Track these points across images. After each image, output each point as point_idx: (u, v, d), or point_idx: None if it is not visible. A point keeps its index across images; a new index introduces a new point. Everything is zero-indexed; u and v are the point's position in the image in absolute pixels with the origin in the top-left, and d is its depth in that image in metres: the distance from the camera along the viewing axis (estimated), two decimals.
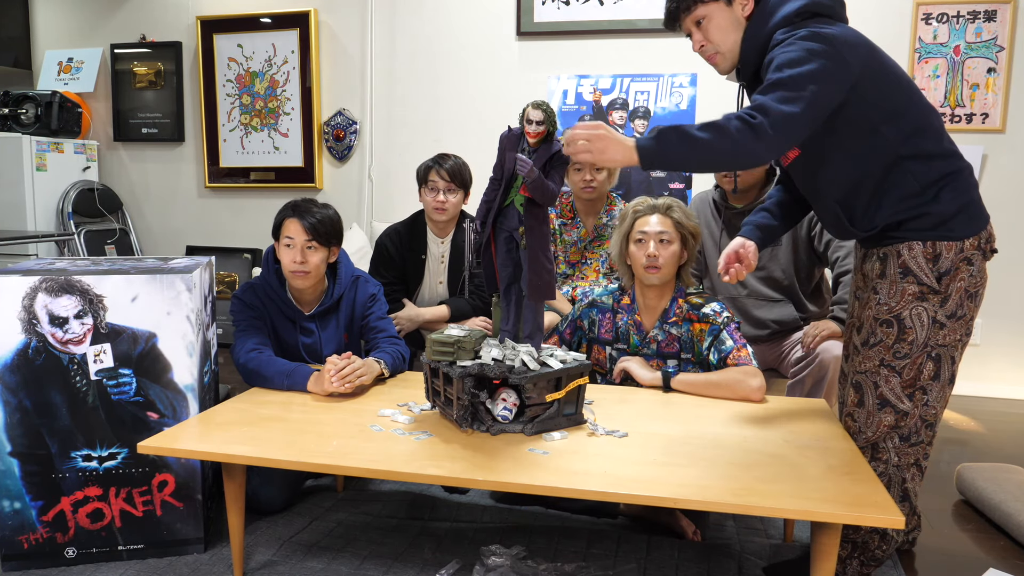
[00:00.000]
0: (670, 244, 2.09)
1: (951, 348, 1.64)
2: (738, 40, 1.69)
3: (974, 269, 1.61)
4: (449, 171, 2.60)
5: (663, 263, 2.08)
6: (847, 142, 1.61)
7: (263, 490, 2.11)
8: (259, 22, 4.32)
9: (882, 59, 1.60)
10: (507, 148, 1.74)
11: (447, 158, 2.65)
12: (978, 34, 3.53)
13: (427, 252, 2.72)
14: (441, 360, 1.73)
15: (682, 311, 2.12)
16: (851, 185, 1.65)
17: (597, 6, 3.86)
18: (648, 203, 2.16)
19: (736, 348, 2.01)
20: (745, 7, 1.68)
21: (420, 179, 2.68)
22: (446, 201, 2.62)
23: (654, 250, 2.08)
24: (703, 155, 1.53)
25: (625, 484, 1.41)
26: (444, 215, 2.64)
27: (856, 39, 1.58)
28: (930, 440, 1.71)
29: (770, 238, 1.92)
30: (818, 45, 1.52)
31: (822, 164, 1.67)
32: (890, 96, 1.58)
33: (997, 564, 1.99)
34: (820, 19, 1.60)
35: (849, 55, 1.53)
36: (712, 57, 1.74)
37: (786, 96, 1.50)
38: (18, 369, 1.79)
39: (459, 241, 2.72)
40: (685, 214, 2.14)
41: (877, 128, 1.58)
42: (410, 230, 2.74)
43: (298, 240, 2.12)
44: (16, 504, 1.83)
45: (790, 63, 1.53)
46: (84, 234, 4.36)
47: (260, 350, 2.09)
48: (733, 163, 1.62)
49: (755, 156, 1.54)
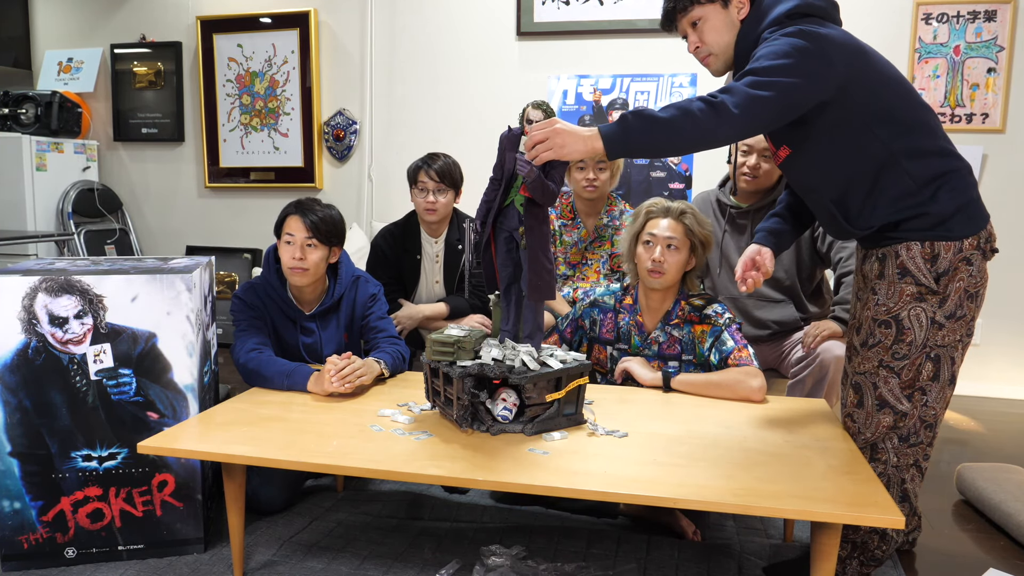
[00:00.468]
0: (677, 251, 2.08)
1: (950, 349, 1.63)
2: (732, 42, 1.70)
3: (974, 269, 1.60)
4: (438, 171, 2.59)
5: (667, 269, 2.07)
6: (838, 141, 1.61)
7: (263, 490, 2.11)
8: (259, 22, 4.32)
9: (873, 59, 1.60)
10: (507, 148, 1.74)
11: (436, 158, 2.63)
12: (978, 34, 3.53)
13: (421, 252, 2.72)
14: (441, 360, 1.73)
15: (684, 313, 2.12)
16: (845, 184, 1.65)
17: (597, 6, 3.86)
18: (662, 205, 2.15)
19: (737, 348, 2.01)
20: (740, 9, 1.68)
21: (410, 180, 2.66)
22: (436, 202, 2.61)
23: (660, 255, 2.07)
24: (665, 136, 1.51)
25: (625, 484, 1.41)
26: (435, 215, 2.64)
27: (844, 39, 1.58)
28: (930, 441, 1.70)
29: (784, 243, 1.91)
30: (802, 41, 1.53)
31: (813, 164, 1.67)
32: (881, 96, 1.58)
33: (997, 564, 1.99)
34: (811, 20, 1.60)
35: (834, 53, 1.54)
36: (706, 59, 1.75)
37: (756, 81, 1.51)
38: (18, 369, 1.79)
39: (453, 240, 2.72)
40: (698, 221, 2.11)
41: (869, 127, 1.58)
42: (403, 230, 2.73)
43: (298, 237, 2.12)
44: (16, 504, 1.83)
45: (769, 55, 1.54)
46: (84, 234, 4.36)
47: (260, 350, 2.08)
48: (695, 143, 1.57)
49: (715, 135, 1.53)
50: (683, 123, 1.50)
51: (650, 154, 1.65)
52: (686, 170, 3.85)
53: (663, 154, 1.64)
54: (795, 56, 1.51)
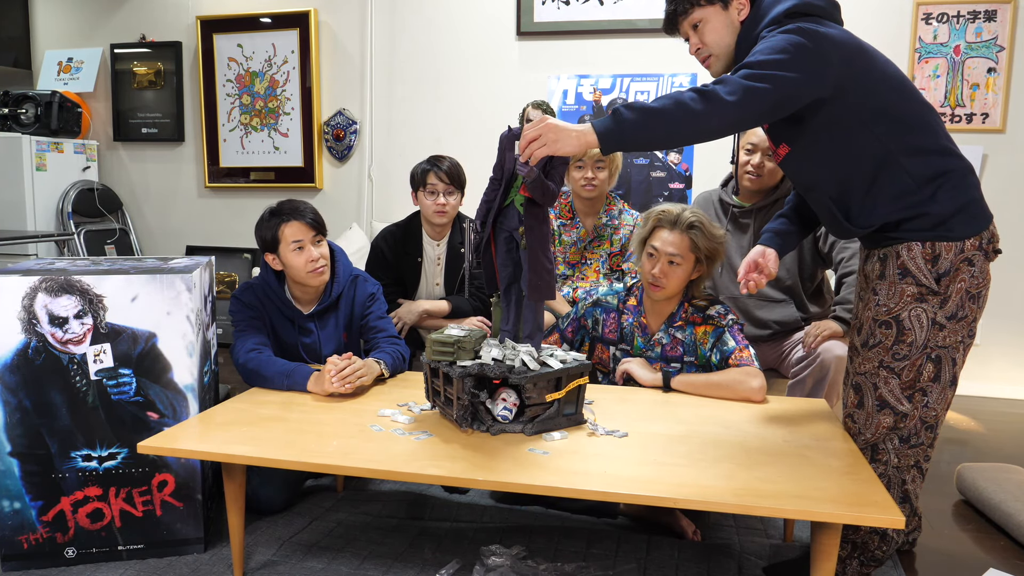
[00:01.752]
0: (679, 266, 2.05)
1: (952, 350, 1.63)
2: (732, 43, 1.71)
3: (975, 270, 1.60)
4: (448, 173, 2.59)
5: (667, 284, 2.06)
6: (837, 138, 1.61)
7: (263, 490, 2.11)
8: (259, 22, 4.32)
9: (873, 58, 1.60)
10: (507, 148, 1.74)
11: (443, 160, 2.63)
12: (978, 34, 3.53)
13: (423, 255, 2.71)
14: (441, 360, 1.73)
15: (687, 314, 2.11)
16: (844, 181, 1.64)
17: (597, 6, 3.86)
18: (672, 215, 2.07)
19: (739, 349, 2.01)
20: (741, 11, 1.69)
21: (417, 182, 2.65)
22: (446, 204, 2.61)
23: (659, 271, 2.05)
24: (659, 126, 1.51)
25: (625, 484, 1.41)
26: (444, 217, 2.64)
27: (843, 37, 1.58)
28: (931, 442, 1.70)
29: (790, 244, 1.90)
30: (800, 38, 1.53)
31: (812, 161, 1.67)
32: (880, 95, 1.58)
33: (997, 564, 1.99)
34: (810, 19, 1.60)
35: (832, 51, 1.54)
36: (707, 60, 1.75)
37: (751, 74, 1.51)
38: (18, 369, 1.79)
39: (455, 243, 2.71)
40: (707, 235, 2.05)
41: (867, 125, 1.58)
42: (405, 232, 2.73)
43: (307, 239, 2.13)
44: (16, 504, 1.83)
45: (766, 50, 1.54)
46: (84, 234, 4.36)
47: (260, 350, 2.08)
48: (689, 134, 1.57)
49: (708, 125, 1.52)
50: (676, 113, 1.50)
51: (645, 146, 1.63)
52: (686, 170, 3.85)
53: (658, 146, 1.63)
54: (792, 52, 1.52)
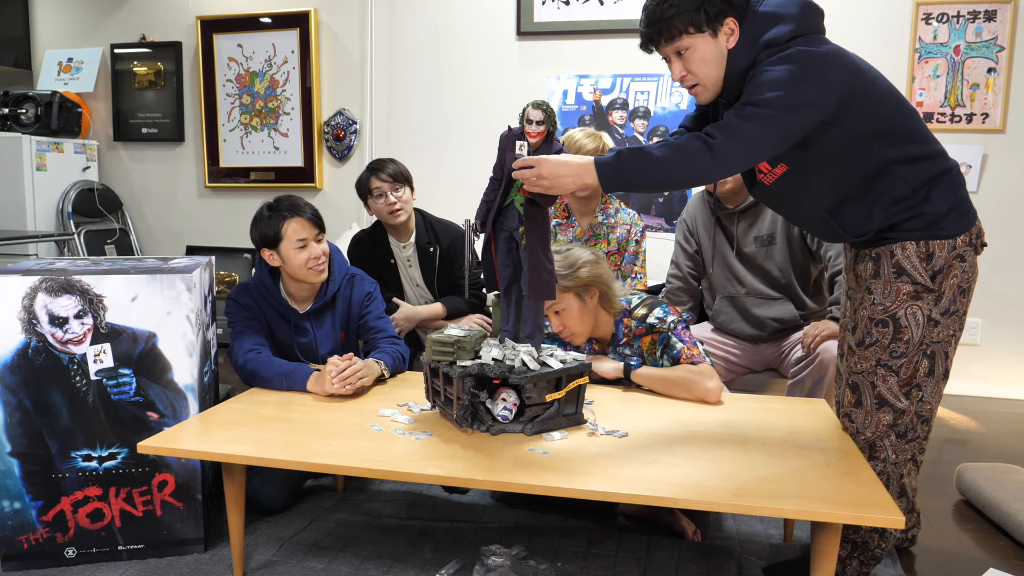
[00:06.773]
0: (567, 310, 2.05)
1: (945, 344, 1.65)
2: (721, 74, 1.64)
3: (966, 265, 1.62)
4: (389, 172, 2.62)
5: (572, 330, 2.07)
6: (837, 155, 1.61)
7: (263, 490, 2.11)
8: (259, 22, 4.32)
9: (867, 75, 1.59)
10: (507, 148, 1.74)
11: (381, 162, 2.66)
12: (978, 34, 3.53)
13: (395, 257, 2.74)
14: (441, 360, 1.73)
15: (630, 330, 2.10)
16: (841, 197, 1.65)
17: (597, 6, 3.86)
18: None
19: (687, 347, 2.00)
20: (730, 39, 1.62)
21: (364, 192, 2.67)
22: (396, 201, 2.62)
23: (556, 326, 2.07)
24: (660, 172, 1.54)
25: (625, 484, 1.41)
26: (402, 214, 2.64)
27: (841, 58, 1.57)
28: (926, 435, 1.72)
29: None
30: (802, 68, 1.52)
31: (811, 179, 1.66)
32: (877, 110, 1.58)
33: (997, 564, 1.99)
34: (808, 38, 1.58)
35: (834, 75, 1.53)
36: (694, 88, 1.69)
37: (756, 114, 1.51)
38: (18, 369, 1.79)
39: (424, 243, 2.72)
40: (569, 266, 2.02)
41: (866, 141, 1.58)
42: (373, 238, 2.76)
43: (310, 236, 2.13)
44: (16, 504, 1.83)
45: (768, 84, 1.52)
46: (84, 234, 4.36)
47: (258, 351, 2.09)
48: (689, 180, 1.63)
49: (710, 176, 1.58)
50: (677, 161, 1.53)
51: (645, 189, 1.66)
52: None
53: (656, 189, 1.65)
54: (793, 85, 1.51)
